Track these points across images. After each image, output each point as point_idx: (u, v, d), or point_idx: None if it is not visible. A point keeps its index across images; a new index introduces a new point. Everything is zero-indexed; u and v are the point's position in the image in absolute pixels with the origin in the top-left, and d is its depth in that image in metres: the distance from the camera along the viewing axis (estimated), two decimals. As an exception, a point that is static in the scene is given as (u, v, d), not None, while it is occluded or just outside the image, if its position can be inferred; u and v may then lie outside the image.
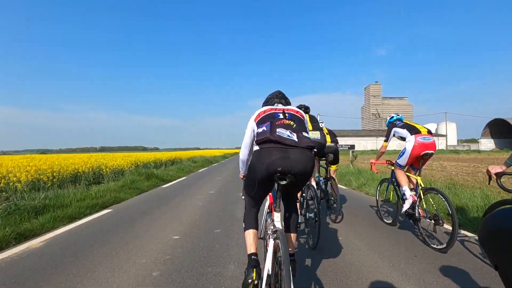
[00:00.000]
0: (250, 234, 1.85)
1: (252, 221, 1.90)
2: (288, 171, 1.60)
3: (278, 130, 1.66)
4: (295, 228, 1.98)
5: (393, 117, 3.85)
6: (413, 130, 3.36)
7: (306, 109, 3.81)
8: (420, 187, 3.25)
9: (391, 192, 4.08)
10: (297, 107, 2.37)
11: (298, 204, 3.04)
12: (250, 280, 1.60)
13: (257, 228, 1.90)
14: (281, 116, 1.79)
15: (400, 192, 3.53)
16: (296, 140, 1.64)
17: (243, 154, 2.00)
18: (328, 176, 4.18)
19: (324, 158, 4.14)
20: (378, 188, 4.32)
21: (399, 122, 3.67)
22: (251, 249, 1.79)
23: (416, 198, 3.19)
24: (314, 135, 3.51)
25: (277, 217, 1.75)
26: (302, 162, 1.62)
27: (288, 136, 1.64)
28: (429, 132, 3.31)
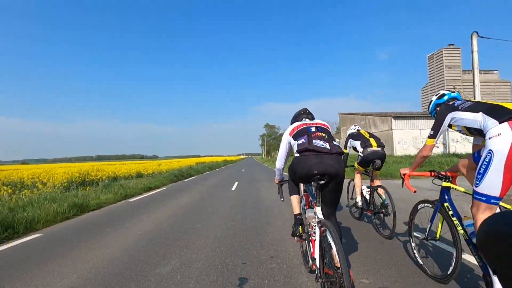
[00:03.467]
0: (294, 199, 2.45)
1: (296, 190, 2.48)
2: (324, 172, 2.06)
3: (314, 141, 2.15)
4: (337, 226, 2.31)
5: (443, 95, 2.44)
6: (503, 114, 1.81)
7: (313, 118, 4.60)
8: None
9: (440, 227, 2.42)
10: (301, 112, 2.63)
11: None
12: (298, 233, 2.28)
13: (299, 194, 2.51)
14: (314, 129, 2.29)
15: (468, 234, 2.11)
16: (329, 148, 2.13)
17: (280, 163, 2.62)
18: (374, 185, 4.14)
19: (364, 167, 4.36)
20: (412, 218, 2.75)
21: (459, 102, 2.18)
22: (296, 210, 2.41)
23: None
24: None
25: (319, 210, 2.17)
26: (334, 165, 2.09)
27: (322, 145, 2.13)
28: None
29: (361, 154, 4.18)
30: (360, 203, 4.35)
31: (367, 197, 4.25)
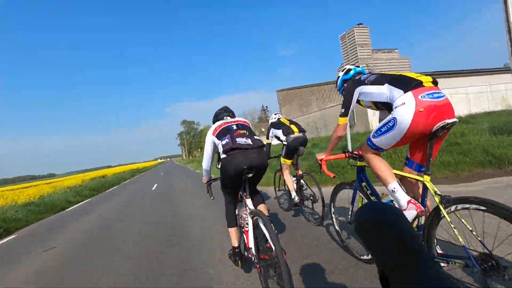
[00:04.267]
0: (233, 231, 2.53)
1: (233, 219, 2.54)
2: (251, 166, 2.23)
3: (237, 139, 2.26)
4: (263, 200, 2.58)
5: (349, 70, 2.35)
6: (407, 83, 1.79)
7: (233, 115, 4.31)
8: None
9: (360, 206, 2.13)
10: (222, 110, 2.72)
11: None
12: (237, 265, 2.47)
13: (237, 225, 2.55)
14: (235, 127, 2.40)
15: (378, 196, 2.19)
16: (251, 143, 2.28)
17: (206, 164, 2.65)
18: (300, 173, 4.12)
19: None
20: (333, 201, 2.69)
21: (365, 76, 2.10)
22: (235, 242, 2.51)
23: (423, 209, 1.77)
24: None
25: (249, 202, 2.38)
26: (259, 157, 2.27)
27: (245, 142, 2.27)
28: (435, 82, 1.80)
29: (285, 143, 4.05)
30: (297, 198, 4.10)
31: (294, 186, 4.19)
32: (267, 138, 4.41)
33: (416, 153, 1.90)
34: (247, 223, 2.25)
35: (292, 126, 4.14)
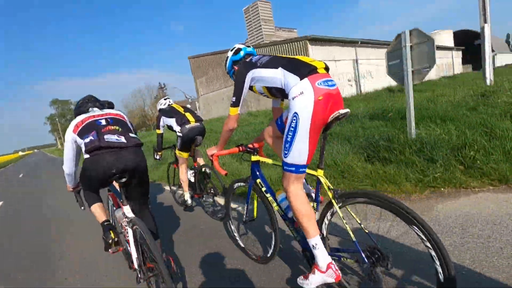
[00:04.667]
0: (96, 208, 2.15)
1: (95, 197, 2.17)
2: (124, 169, 1.90)
3: (106, 136, 1.88)
4: (156, 233, 2.22)
5: (239, 50, 2.00)
6: (302, 69, 1.56)
7: (110, 105, 3.38)
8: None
9: (256, 205, 2.20)
10: (86, 100, 2.31)
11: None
12: (110, 240, 2.05)
13: (101, 201, 2.20)
14: (104, 122, 2.01)
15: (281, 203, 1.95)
16: (125, 141, 1.92)
17: (68, 167, 2.19)
18: (199, 165, 3.68)
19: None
20: (228, 199, 2.42)
21: (257, 57, 1.82)
22: (102, 218, 2.14)
23: (340, 278, 1.59)
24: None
25: (127, 209, 2.04)
26: (134, 158, 1.94)
27: (117, 139, 1.91)
28: (327, 69, 1.64)
29: (180, 134, 3.49)
30: (189, 201, 3.72)
31: (192, 179, 3.71)
32: (158, 128, 3.78)
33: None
34: (127, 233, 2.02)
35: (187, 115, 3.60)
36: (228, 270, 2.28)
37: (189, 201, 3.73)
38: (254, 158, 2.06)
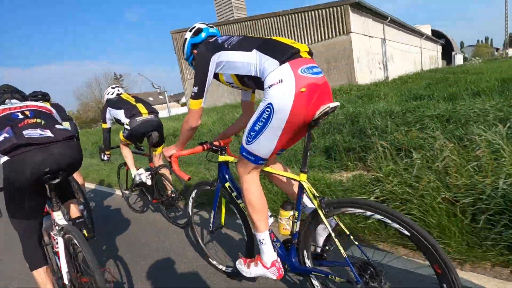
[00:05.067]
0: (40, 273, 1.73)
1: (39, 255, 1.77)
2: (58, 168, 1.62)
3: (25, 132, 1.57)
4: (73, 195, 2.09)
5: (200, 31, 1.63)
6: (282, 52, 1.28)
7: (44, 97, 3.09)
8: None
9: (224, 211, 1.90)
10: (31, 96, 2.17)
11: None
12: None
13: (48, 263, 1.80)
14: (21, 116, 1.71)
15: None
16: (52, 135, 1.63)
17: None
18: (155, 166, 3.14)
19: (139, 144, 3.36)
20: (191, 204, 2.09)
21: (224, 38, 1.48)
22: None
23: (282, 276, 1.50)
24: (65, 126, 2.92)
25: (58, 215, 1.77)
26: (68, 154, 1.67)
27: (41, 134, 1.61)
28: (311, 53, 1.37)
29: (128, 127, 2.98)
30: (137, 178, 3.18)
31: (149, 182, 3.15)
32: (104, 121, 3.24)
33: (291, 142, 1.47)
34: (57, 243, 1.73)
35: (139, 106, 3.10)
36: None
37: (137, 178, 3.19)
38: (221, 158, 1.74)
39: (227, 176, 1.74)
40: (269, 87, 1.22)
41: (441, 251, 1.06)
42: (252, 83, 1.38)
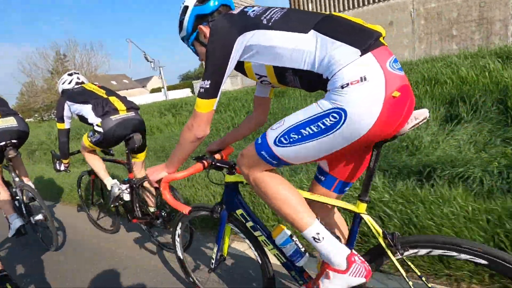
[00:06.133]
0: None
1: None
2: None
3: None
4: None
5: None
6: (361, 35, 0.87)
7: None
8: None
9: (228, 241, 1.49)
10: None
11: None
12: None
13: None
14: None
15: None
16: None
17: None
18: (137, 178, 2.43)
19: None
20: (178, 236, 1.65)
21: (256, 9, 1.02)
22: None
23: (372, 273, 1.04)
24: (5, 122, 2.55)
25: None
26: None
27: None
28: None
29: (100, 129, 2.22)
30: (117, 189, 2.44)
31: (127, 198, 2.44)
32: (60, 120, 2.47)
33: (340, 164, 1.07)
34: None
35: (113, 100, 2.35)
36: None
37: (116, 189, 2.43)
38: (230, 178, 1.29)
39: (238, 202, 1.30)
40: (341, 87, 0.81)
41: None
42: (298, 80, 0.96)
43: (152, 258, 2.34)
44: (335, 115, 0.83)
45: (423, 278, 0.98)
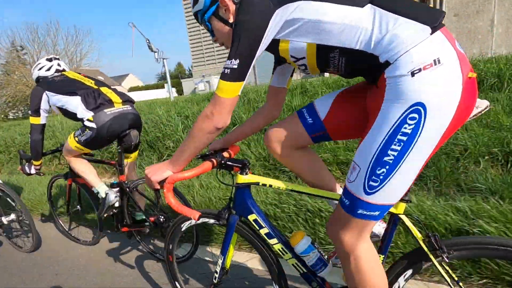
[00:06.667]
0: None
1: None
2: None
3: None
4: None
5: None
6: (425, 11, 0.77)
7: None
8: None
9: (232, 250, 1.32)
10: None
11: None
12: None
13: None
14: None
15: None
16: None
17: None
18: (131, 180, 2.15)
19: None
20: (171, 240, 1.46)
21: None
22: None
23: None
24: None
25: None
26: None
27: None
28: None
29: (92, 125, 1.92)
30: (112, 197, 2.10)
31: (117, 204, 2.13)
32: (35, 113, 2.14)
33: (339, 120, 1.03)
34: None
35: (105, 90, 2.08)
36: None
37: (112, 197, 2.09)
38: (244, 179, 1.15)
39: (251, 206, 1.17)
40: (411, 74, 0.70)
41: None
42: (343, 62, 0.83)
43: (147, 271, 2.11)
44: (413, 115, 0.71)
45: (460, 284, 0.91)
